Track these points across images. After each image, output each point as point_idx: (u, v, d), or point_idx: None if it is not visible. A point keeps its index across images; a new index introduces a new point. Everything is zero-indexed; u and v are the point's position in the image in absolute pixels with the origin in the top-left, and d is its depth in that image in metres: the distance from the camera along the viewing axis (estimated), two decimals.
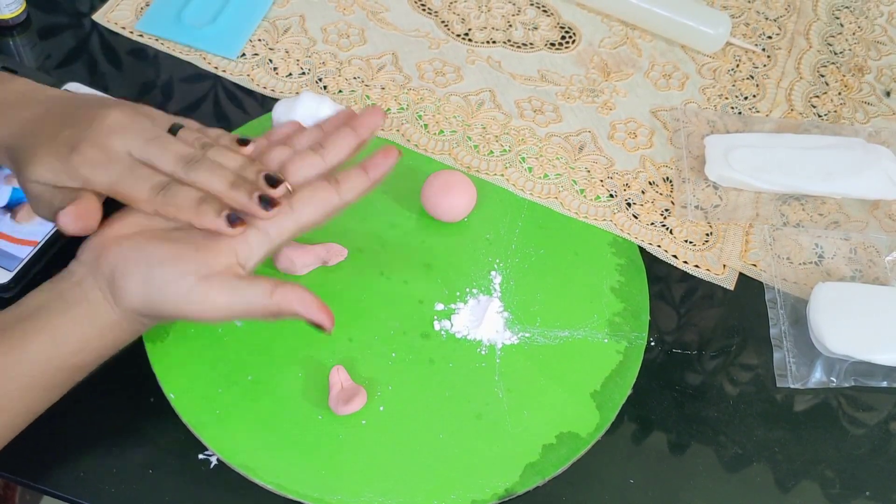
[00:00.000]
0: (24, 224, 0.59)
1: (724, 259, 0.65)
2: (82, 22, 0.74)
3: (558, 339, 0.59)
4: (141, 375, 0.54)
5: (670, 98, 0.74)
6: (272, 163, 0.53)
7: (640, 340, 0.59)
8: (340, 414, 0.53)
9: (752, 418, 0.58)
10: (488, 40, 0.76)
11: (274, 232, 0.50)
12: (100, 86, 0.67)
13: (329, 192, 0.51)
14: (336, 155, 0.53)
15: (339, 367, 0.55)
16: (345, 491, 0.51)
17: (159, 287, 0.47)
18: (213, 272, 0.47)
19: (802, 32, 0.80)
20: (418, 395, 0.55)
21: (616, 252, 0.64)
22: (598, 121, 0.72)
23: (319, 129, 0.56)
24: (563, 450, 0.54)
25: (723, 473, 0.55)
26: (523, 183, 0.67)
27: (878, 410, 0.59)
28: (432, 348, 0.57)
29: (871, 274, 0.64)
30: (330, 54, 0.73)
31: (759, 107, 0.74)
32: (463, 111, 0.71)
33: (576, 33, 0.78)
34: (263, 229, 0.49)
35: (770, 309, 0.62)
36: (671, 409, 0.58)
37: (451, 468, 0.53)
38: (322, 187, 0.51)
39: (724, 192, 0.68)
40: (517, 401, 0.56)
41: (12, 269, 0.57)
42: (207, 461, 0.52)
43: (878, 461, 0.57)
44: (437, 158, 0.67)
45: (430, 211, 0.62)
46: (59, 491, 0.51)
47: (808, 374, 0.59)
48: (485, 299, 0.60)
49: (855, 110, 0.75)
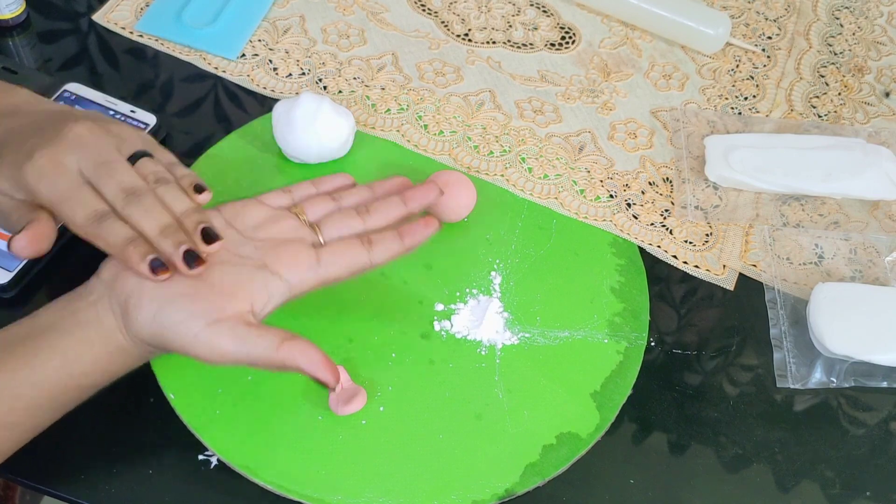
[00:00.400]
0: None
1: (724, 259, 0.65)
2: (82, 22, 0.74)
3: (558, 339, 0.59)
4: (141, 375, 0.53)
5: (670, 98, 0.74)
6: (313, 213, 0.52)
7: (640, 341, 0.59)
8: (340, 414, 0.53)
9: (752, 419, 0.58)
10: (488, 41, 0.76)
11: (295, 281, 0.49)
12: (99, 86, 0.67)
13: (360, 253, 0.51)
14: (378, 222, 0.53)
15: (340, 367, 0.55)
16: (345, 491, 0.51)
17: (168, 325, 0.46)
18: (224, 317, 0.46)
19: (802, 33, 0.80)
20: (418, 395, 0.55)
21: (616, 252, 0.64)
22: (598, 121, 0.72)
23: (370, 190, 0.55)
24: (563, 450, 0.54)
25: (723, 474, 0.55)
26: (523, 183, 0.67)
27: (878, 411, 0.59)
28: (432, 349, 0.57)
29: (871, 274, 0.64)
30: (330, 55, 0.73)
31: (759, 107, 0.74)
32: (463, 112, 0.71)
33: (576, 34, 0.78)
34: (286, 279, 0.49)
35: (770, 309, 0.62)
36: (671, 410, 0.58)
37: (452, 468, 0.53)
38: (354, 246, 0.51)
39: (723, 193, 0.68)
40: (517, 401, 0.56)
41: (12, 270, 0.57)
42: (207, 461, 0.52)
43: (878, 461, 0.57)
44: (438, 159, 0.67)
45: (430, 211, 0.62)
46: (59, 491, 0.51)
47: (808, 375, 0.59)
48: (485, 300, 0.60)
49: (855, 111, 0.75)
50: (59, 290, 0.59)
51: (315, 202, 0.54)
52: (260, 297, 0.48)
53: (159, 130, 0.65)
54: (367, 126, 0.69)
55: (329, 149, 0.63)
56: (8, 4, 0.71)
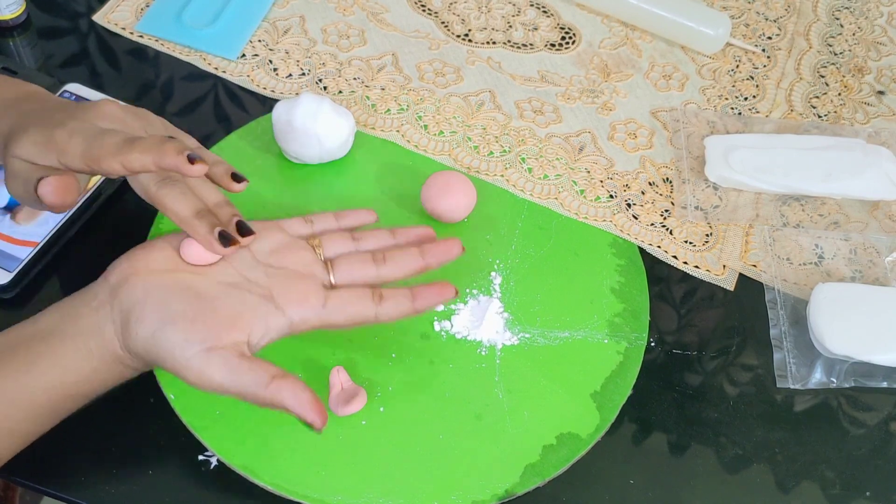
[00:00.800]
0: (24, 225, 0.59)
1: (724, 260, 0.65)
2: (82, 23, 0.74)
3: (558, 339, 0.59)
4: (141, 375, 0.53)
5: (670, 99, 0.74)
6: (330, 249, 0.52)
7: (641, 341, 0.59)
8: (340, 415, 0.53)
9: (752, 419, 0.58)
10: (488, 41, 0.76)
11: (297, 320, 0.49)
12: (100, 86, 0.67)
13: (367, 306, 0.50)
14: (393, 273, 0.52)
15: (339, 367, 0.55)
16: (345, 491, 0.51)
17: (164, 346, 0.46)
18: (219, 346, 0.46)
19: (802, 33, 0.80)
20: (418, 395, 0.55)
21: (616, 253, 0.64)
22: (597, 121, 0.72)
23: (391, 236, 0.55)
24: (563, 450, 0.54)
25: (723, 474, 0.55)
26: (523, 183, 0.67)
27: (878, 411, 0.59)
28: (432, 349, 0.57)
29: (871, 274, 0.64)
30: (330, 55, 0.73)
31: (759, 107, 0.74)
32: (463, 112, 0.71)
33: (576, 34, 0.78)
34: (289, 315, 0.49)
35: (770, 309, 0.62)
36: (671, 410, 0.58)
37: (452, 469, 0.53)
38: (363, 298, 0.50)
39: (723, 193, 0.68)
40: (517, 401, 0.56)
41: (12, 270, 0.57)
42: (207, 462, 0.52)
43: (879, 462, 0.57)
44: (437, 159, 0.67)
45: (430, 211, 0.62)
46: (59, 491, 0.51)
47: (808, 375, 0.59)
48: (485, 300, 0.60)
49: (855, 111, 0.75)
50: (59, 289, 0.59)
51: (334, 239, 0.53)
52: (258, 330, 0.48)
53: None
54: (367, 126, 0.69)
55: (329, 149, 0.63)
56: (8, 5, 0.71)
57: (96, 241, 0.61)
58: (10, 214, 0.60)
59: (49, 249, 0.59)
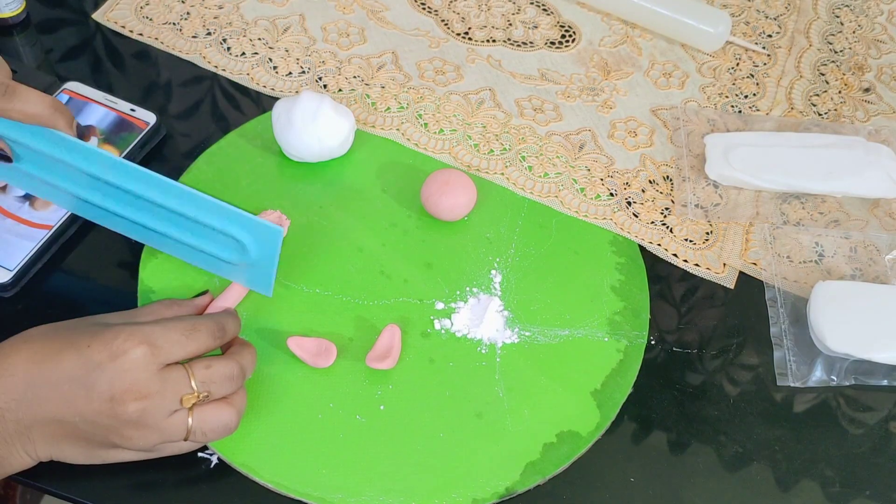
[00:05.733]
0: (41, 211, 0.60)
1: (725, 258, 0.65)
2: (82, 21, 0.74)
3: (559, 337, 0.59)
4: None
5: (670, 97, 0.74)
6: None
7: (641, 339, 0.59)
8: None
9: (752, 417, 0.58)
10: (488, 39, 0.76)
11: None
12: (99, 84, 0.67)
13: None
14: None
15: (394, 326, 0.57)
16: (345, 490, 0.51)
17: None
18: None
19: (802, 31, 0.80)
20: (418, 394, 0.55)
21: (616, 251, 0.64)
22: (598, 119, 0.72)
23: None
24: (563, 448, 0.54)
25: (723, 472, 0.55)
26: (523, 182, 0.67)
27: (878, 409, 0.59)
28: (432, 347, 0.57)
29: (871, 272, 0.64)
30: (330, 53, 0.73)
31: (760, 105, 0.74)
32: (463, 110, 0.71)
33: (576, 32, 0.78)
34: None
35: (770, 308, 0.62)
36: (671, 408, 0.58)
37: (452, 467, 0.53)
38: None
39: (724, 191, 0.68)
40: (517, 400, 0.56)
41: (12, 269, 0.58)
42: (207, 460, 0.52)
43: (878, 460, 0.57)
44: (437, 157, 0.67)
45: (430, 210, 0.62)
46: (60, 491, 0.51)
47: (808, 373, 0.59)
48: (485, 298, 0.60)
49: (855, 109, 0.75)
50: (59, 289, 0.59)
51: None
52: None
53: (159, 129, 0.65)
54: (367, 124, 0.69)
55: (329, 147, 0.63)
56: (8, 3, 0.71)
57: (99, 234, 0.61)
58: (29, 202, 0.60)
59: (49, 249, 0.59)
